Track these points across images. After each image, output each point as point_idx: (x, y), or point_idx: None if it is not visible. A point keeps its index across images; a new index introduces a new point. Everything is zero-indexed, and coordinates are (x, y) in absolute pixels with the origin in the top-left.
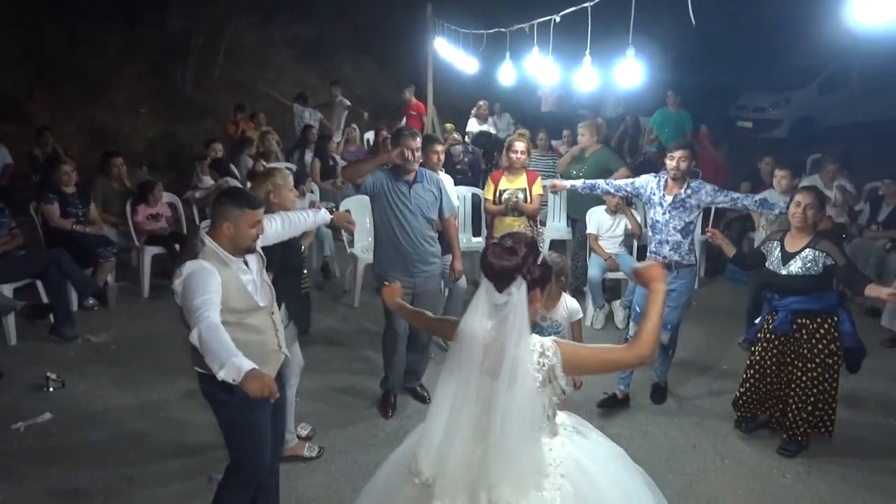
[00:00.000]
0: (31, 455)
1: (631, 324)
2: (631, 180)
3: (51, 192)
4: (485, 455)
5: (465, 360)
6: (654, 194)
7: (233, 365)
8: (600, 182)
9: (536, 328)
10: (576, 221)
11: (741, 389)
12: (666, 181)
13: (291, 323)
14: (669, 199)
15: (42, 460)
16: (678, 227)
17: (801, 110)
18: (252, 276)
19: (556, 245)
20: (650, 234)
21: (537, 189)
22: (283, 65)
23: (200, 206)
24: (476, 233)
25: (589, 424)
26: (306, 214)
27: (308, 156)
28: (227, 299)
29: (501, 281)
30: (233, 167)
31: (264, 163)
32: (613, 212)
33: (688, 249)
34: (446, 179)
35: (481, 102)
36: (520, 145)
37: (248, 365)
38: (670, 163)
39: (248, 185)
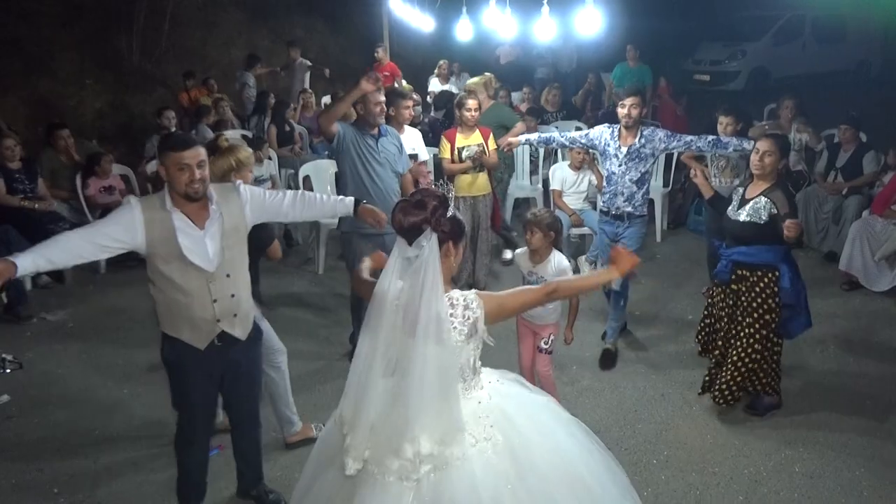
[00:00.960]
0: None
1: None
2: (585, 132)
3: None
4: (405, 410)
5: (375, 320)
6: (609, 146)
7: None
8: (555, 135)
9: (524, 283)
10: None
11: (698, 336)
12: (619, 131)
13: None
14: (625, 150)
15: (3, 444)
16: (634, 179)
17: (756, 61)
18: (199, 234)
19: (520, 204)
20: (605, 184)
21: (492, 143)
22: (232, 29)
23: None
24: None
25: (513, 377)
26: (327, 198)
27: (266, 122)
28: (152, 243)
29: (411, 234)
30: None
31: (227, 137)
32: (577, 168)
33: (641, 200)
34: (415, 135)
35: (442, 62)
36: (471, 102)
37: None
38: (621, 111)
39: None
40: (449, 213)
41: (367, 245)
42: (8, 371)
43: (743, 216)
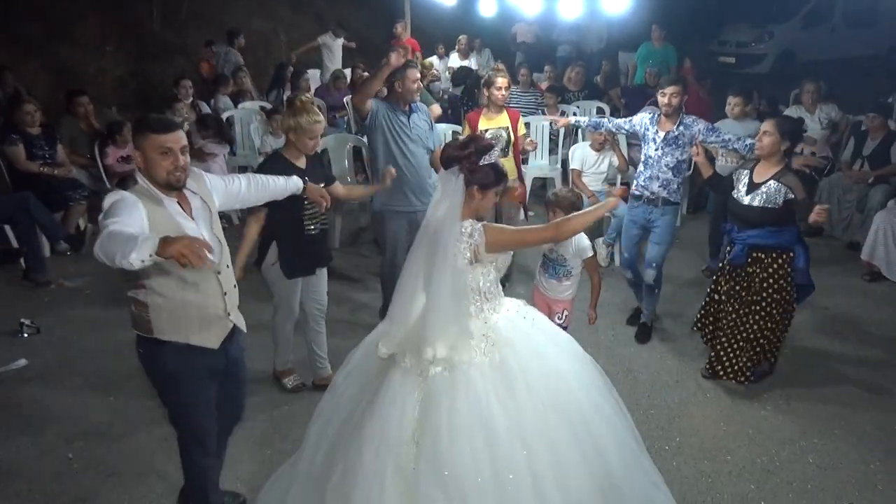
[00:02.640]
0: (7, 402)
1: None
2: (629, 118)
3: (14, 133)
4: (425, 321)
5: (419, 240)
6: (648, 130)
7: (143, 240)
8: (604, 120)
9: (543, 259)
10: None
11: (699, 314)
12: (659, 117)
13: (278, 263)
14: (662, 135)
15: (20, 408)
16: (670, 165)
17: (783, 44)
18: (194, 226)
19: (537, 182)
20: (642, 168)
21: (521, 128)
22: None
23: None
24: None
25: (538, 316)
26: (276, 180)
27: (284, 94)
28: None
29: (446, 164)
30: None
31: (305, 98)
32: (598, 149)
33: (676, 187)
34: (435, 109)
35: (461, 37)
36: (502, 80)
37: (155, 236)
38: (662, 99)
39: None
40: (489, 160)
41: (401, 222)
42: (26, 335)
43: (757, 201)
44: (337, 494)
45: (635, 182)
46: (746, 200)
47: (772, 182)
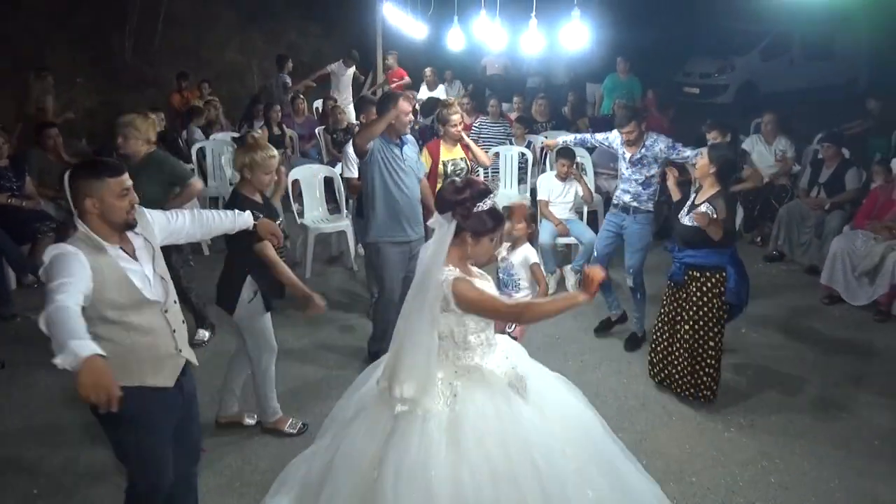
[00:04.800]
0: None
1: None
2: (607, 134)
3: None
4: (399, 356)
5: (417, 274)
6: (619, 149)
7: (70, 349)
8: (587, 136)
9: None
10: None
11: (654, 338)
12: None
13: (257, 296)
14: (629, 156)
15: None
16: (639, 181)
17: (744, 76)
18: (139, 267)
19: (506, 212)
20: (619, 180)
21: (479, 152)
22: (226, 31)
23: None
24: None
25: (546, 373)
26: (224, 215)
27: (256, 126)
28: (102, 290)
29: (441, 209)
30: (182, 143)
31: (255, 134)
32: (563, 178)
33: (646, 198)
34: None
35: (427, 70)
36: (456, 117)
37: (89, 350)
38: (621, 136)
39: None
40: (482, 208)
41: (396, 251)
42: None
43: (689, 220)
44: None
45: (614, 193)
46: (686, 221)
47: (705, 203)
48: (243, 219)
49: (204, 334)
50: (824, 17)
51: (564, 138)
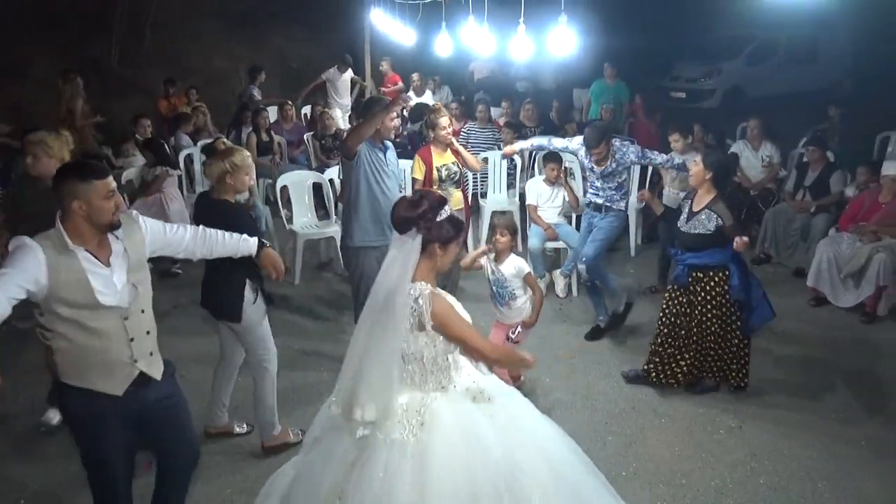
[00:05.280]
0: None
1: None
2: (566, 143)
3: None
4: (359, 376)
5: (372, 296)
6: (585, 161)
7: None
8: (545, 142)
9: (491, 292)
10: None
11: (657, 341)
12: (588, 155)
13: (261, 298)
14: (599, 170)
15: None
16: (612, 188)
17: (731, 80)
18: (107, 272)
19: (497, 216)
20: (589, 188)
21: (468, 156)
22: (213, 37)
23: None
24: None
25: (518, 398)
26: (229, 237)
27: (244, 133)
28: (56, 287)
29: (401, 228)
30: (169, 149)
31: (225, 140)
32: (552, 182)
33: (618, 198)
34: None
35: (414, 75)
36: (445, 121)
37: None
38: (592, 157)
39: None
40: (443, 216)
41: (375, 255)
42: None
43: (694, 228)
44: None
45: (586, 195)
46: (686, 228)
47: (705, 210)
48: (248, 245)
49: (52, 416)
50: (809, 21)
51: (521, 145)
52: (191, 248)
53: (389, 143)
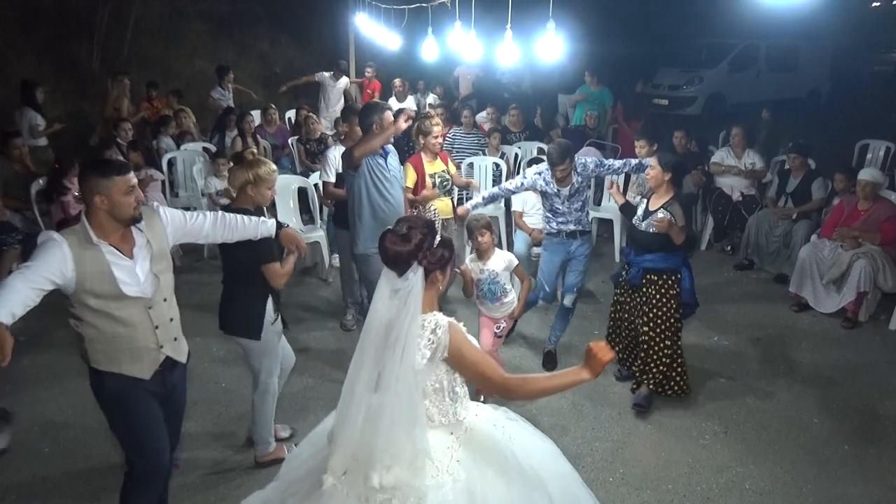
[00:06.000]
0: None
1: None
2: (521, 180)
3: None
4: (377, 429)
5: (365, 338)
6: (548, 187)
7: None
8: (497, 191)
9: (477, 291)
10: None
11: (608, 327)
12: (553, 177)
13: (278, 317)
14: (565, 191)
15: None
16: (579, 208)
17: (712, 88)
18: (130, 264)
19: (471, 221)
20: (550, 215)
21: (452, 167)
22: (196, 40)
23: None
24: None
25: (516, 417)
26: (248, 220)
27: (228, 137)
28: (83, 279)
29: (399, 266)
30: (154, 154)
31: (255, 149)
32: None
33: (586, 219)
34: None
35: (396, 81)
36: (438, 129)
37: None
38: (555, 174)
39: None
40: (437, 240)
41: (380, 261)
42: None
43: (648, 227)
44: None
45: (547, 225)
46: (643, 227)
47: (661, 210)
48: (267, 226)
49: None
50: (789, 30)
51: (474, 201)
52: (211, 233)
53: (391, 148)
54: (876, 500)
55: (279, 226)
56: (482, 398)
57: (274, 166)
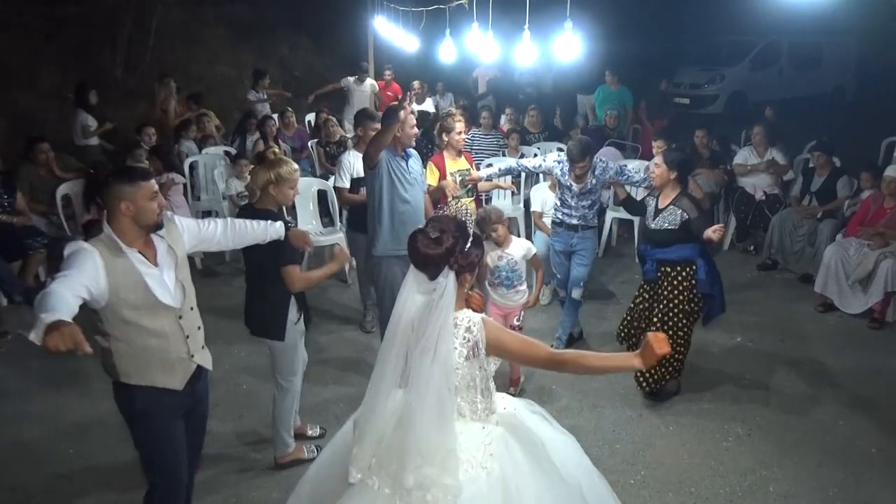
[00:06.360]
0: None
1: (552, 286)
2: (540, 162)
3: None
4: (409, 428)
5: (392, 335)
6: (564, 177)
7: (39, 321)
8: (514, 166)
9: (491, 278)
10: None
11: (620, 326)
12: (571, 171)
13: (301, 317)
14: (577, 188)
15: None
16: (587, 206)
17: (734, 86)
18: (157, 272)
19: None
20: (559, 203)
21: (474, 171)
22: (217, 45)
23: None
24: None
25: (537, 409)
26: (256, 225)
27: (249, 140)
28: (118, 290)
29: (430, 270)
30: (176, 157)
31: (276, 149)
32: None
33: (592, 215)
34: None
35: (415, 83)
36: (460, 126)
37: (54, 317)
38: (571, 169)
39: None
40: (470, 242)
41: (398, 264)
42: None
43: (659, 223)
44: None
45: (553, 212)
46: (654, 225)
47: (670, 207)
48: (275, 228)
49: None
50: (812, 26)
51: (488, 171)
52: (223, 240)
53: (413, 151)
54: None
55: (287, 226)
56: (511, 390)
57: (295, 166)
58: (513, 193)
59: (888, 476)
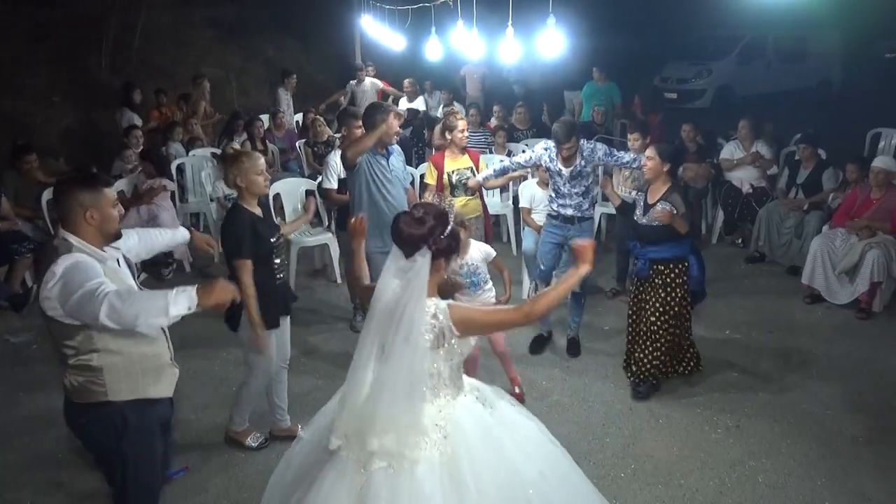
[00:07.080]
0: None
1: (531, 282)
2: (530, 154)
3: None
4: (377, 401)
5: (372, 311)
6: (552, 165)
7: (180, 293)
8: (506, 163)
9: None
10: None
11: (628, 338)
12: (559, 155)
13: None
14: (567, 172)
15: None
16: (580, 193)
17: (721, 80)
18: (128, 272)
19: (490, 220)
20: (553, 195)
21: (483, 165)
22: (204, 46)
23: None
24: None
25: (507, 398)
26: (162, 232)
27: (237, 142)
28: None
29: (408, 247)
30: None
31: (235, 146)
32: (546, 185)
33: (587, 206)
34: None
35: (406, 81)
36: (463, 124)
37: (187, 287)
38: (557, 152)
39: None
40: (448, 229)
41: (380, 260)
42: None
43: (650, 220)
44: None
45: (549, 206)
46: (644, 221)
47: (661, 201)
48: (181, 233)
49: None
50: (797, 20)
51: (484, 173)
52: (137, 250)
53: (395, 148)
54: (891, 494)
55: (190, 231)
56: (516, 389)
57: (257, 154)
58: (522, 179)
59: (875, 466)
